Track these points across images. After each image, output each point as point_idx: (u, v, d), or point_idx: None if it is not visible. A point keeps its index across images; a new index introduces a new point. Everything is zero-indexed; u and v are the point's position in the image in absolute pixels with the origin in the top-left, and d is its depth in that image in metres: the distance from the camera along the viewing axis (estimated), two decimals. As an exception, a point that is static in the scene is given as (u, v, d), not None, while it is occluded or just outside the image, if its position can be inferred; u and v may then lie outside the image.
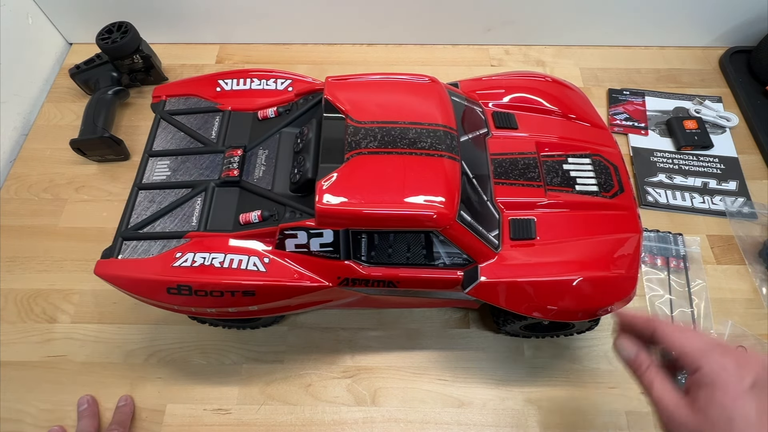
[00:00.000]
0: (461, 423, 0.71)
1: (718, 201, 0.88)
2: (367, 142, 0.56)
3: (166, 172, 0.67)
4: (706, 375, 0.41)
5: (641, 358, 0.48)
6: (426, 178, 0.54)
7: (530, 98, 0.72)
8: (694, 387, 0.42)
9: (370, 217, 0.53)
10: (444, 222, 0.53)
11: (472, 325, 0.78)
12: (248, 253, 0.59)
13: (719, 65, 1.07)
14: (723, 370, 0.41)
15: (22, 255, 0.84)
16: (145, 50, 0.97)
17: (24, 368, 0.75)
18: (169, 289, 0.58)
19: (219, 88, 0.73)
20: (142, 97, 1.02)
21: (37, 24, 1.03)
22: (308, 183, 0.58)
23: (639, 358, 0.48)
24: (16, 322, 0.79)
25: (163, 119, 0.72)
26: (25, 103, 1.01)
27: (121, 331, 0.78)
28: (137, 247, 0.61)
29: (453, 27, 1.08)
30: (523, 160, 0.65)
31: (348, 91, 0.61)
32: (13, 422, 0.71)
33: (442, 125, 0.58)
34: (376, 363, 0.76)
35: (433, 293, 0.64)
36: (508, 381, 0.74)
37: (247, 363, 0.75)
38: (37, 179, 0.92)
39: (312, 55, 1.10)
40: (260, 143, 0.67)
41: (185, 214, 0.63)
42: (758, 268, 0.81)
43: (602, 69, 1.07)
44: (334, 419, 0.71)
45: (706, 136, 0.94)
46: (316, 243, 0.57)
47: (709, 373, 0.41)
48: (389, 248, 0.58)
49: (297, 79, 0.73)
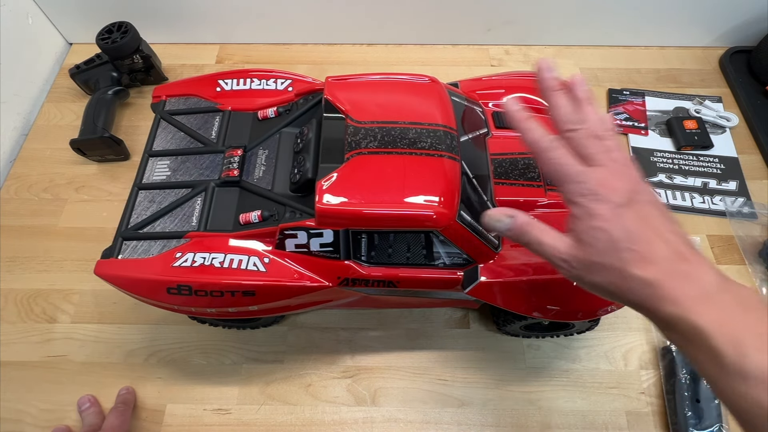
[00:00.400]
0: (461, 423, 0.71)
1: (718, 201, 0.88)
2: (367, 142, 0.56)
3: (166, 172, 0.67)
4: (581, 206, 0.41)
5: (519, 220, 0.45)
6: (426, 178, 0.54)
7: (530, 98, 0.72)
8: (573, 221, 0.42)
9: (370, 217, 0.53)
10: (444, 222, 0.53)
11: (472, 325, 0.78)
12: (248, 253, 0.59)
13: (719, 65, 1.07)
14: (594, 197, 0.40)
15: (22, 255, 0.84)
16: (145, 50, 0.97)
17: (24, 368, 0.75)
18: (169, 289, 0.58)
19: (219, 88, 0.73)
20: (142, 97, 1.02)
21: (37, 24, 1.03)
22: (308, 183, 0.58)
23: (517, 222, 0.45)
24: (16, 322, 0.79)
25: (163, 119, 0.72)
26: (25, 103, 1.01)
27: (121, 331, 0.78)
28: (137, 247, 0.61)
29: (453, 27, 1.08)
30: (523, 160, 0.65)
31: (348, 91, 0.61)
32: (13, 422, 0.71)
33: (442, 125, 0.58)
34: (376, 363, 0.76)
35: (433, 293, 0.64)
36: (508, 381, 0.74)
37: (247, 363, 0.75)
38: (37, 179, 0.92)
39: (312, 55, 1.10)
40: (260, 143, 0.67)
41: (185, 214, 0.63)
42: (758, 268, 0.81)
43: (602, 69, 1.07)
44: (334, 419, 0.71)
45: (706, 136, 0.94)
46: (316, 243, 0.57)
47: (583, 204, 0.41)
48: (389, 248, 0.58)
49: (297, 79, 0.73)
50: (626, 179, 0.42)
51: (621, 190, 0.40)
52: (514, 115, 0.45)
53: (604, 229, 0.40)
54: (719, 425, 0.69)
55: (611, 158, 0.42)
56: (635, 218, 0.40)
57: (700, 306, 0.37)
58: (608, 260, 0.40)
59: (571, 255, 0.42)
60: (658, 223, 0.41)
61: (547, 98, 0.46)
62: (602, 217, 0.40)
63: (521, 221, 0.45)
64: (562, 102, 0.45)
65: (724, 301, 0.37)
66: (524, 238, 0.45)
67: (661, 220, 0.41)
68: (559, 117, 0.45)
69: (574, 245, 0.42)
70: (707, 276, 0.39)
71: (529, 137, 0.44)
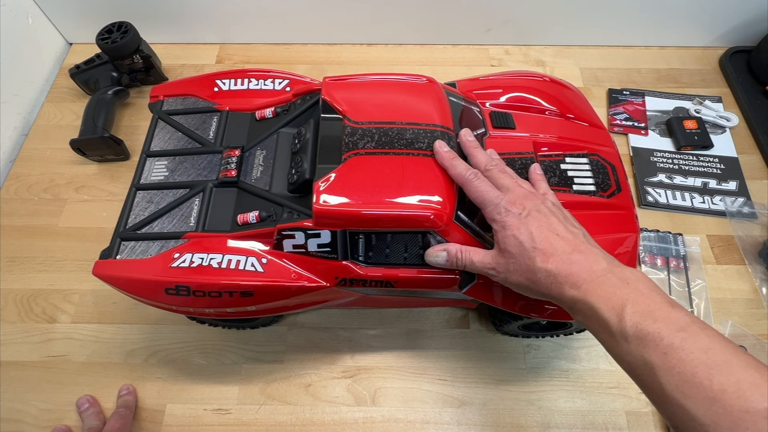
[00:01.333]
0: (461, 423, 0.71)
1: (718, 201, 0.88)
2: (364, 143, 0.56)
3: (164, 173, 0.66)
4: (498, 222, 0.52)
5: (452, 250, 0.55)
6: (423, 178, 0.54)
7: (528, 98, 0.72)
8: (494, 236, 0.52)
9: (368, 217, 0.53)
10: (441, 222, 0.53)
11: (472, 325, 0.78)
12: (246, 254, 0.59)
13: (719, 65, 1.06)
14: (507, 213, 0.51)
15: (22, 255, 0.85)
16: (145, 50, 0.97)
17: (24, 368, 0.75)
18: (168, 290, 0.58)
19: (217, 88, 0.73)
20: (142, 97, 1.02)
21: (37, 24, 1.03)
22: (306, 183, 0.58)
23: (451, 253, 0.55)
24: (16, 322, 0.79)
25: (161, 119, 0.72)
26: (25, 103, 1.01)
27: (121, 331, 0.78)
28: (135, 248, 0.61)
29: (453, 27, 1.08)
30: (520, 160, 0.65)
31: (345, 92, 0.61)
32: (13, 422, 0.71)
33: (440, 125, 0.58)
34: (376, 363, 0.76)
35: (430, 293, 0.64)
36: (508, 381, 0.74)
37: (247, 363, 0.75)
38: (37, 179, 0.92)
39: (312, 55, 1.10)
40: (258, 143, 0.67)
41: (183, 215, 0.63)
42: (758, 268, 0.81)
43: (602, 69, 1.07)
44: (334, 419, 0.71)
45: (706, 136, 0.94)
46: (313, 243, 0.57)
47: (500, 219, 0.51)
48: (387, 248, 0.58)
49: (295, 79, 0.73)
50: (530, 197, 0.53)
51: (525, 205, 0.51)
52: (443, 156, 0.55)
53: (515, 236, 0.50)
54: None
55: (518, 185, 0.54)
56: (537, 225, 0.50)
57: (592, 286, 0.46)
58: (521, 260, 0.50)
59: (496, 262, 0.52)
60: (557, 226, 0.50)
61: (468, 154, 0.58)
62: (512, 226, 0.50)
63: (453, 251, 0.55)
64: (480, 153, 0.58)
65: (609, 281, 0.45)
66: (461, 264, 0.55)
67: (560, 222, 0.51)
68: (478, 162, 0.57)
69: (497, 255, 0.52)
70: (597, 262, 0.47)
71: (456, 171, 0.54)
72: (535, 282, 0.49)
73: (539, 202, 0.53)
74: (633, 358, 0.42)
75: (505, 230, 0.51)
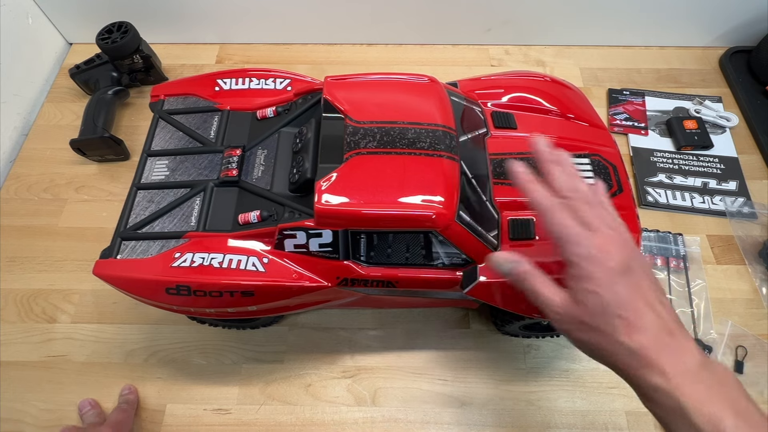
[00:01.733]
0: (461, 423, 0.71)
1: (718, 201, 0.88)
2: (366, 142, 0.56)
3: (165, 172, 0.66)
4: (579, 267, 0.43)
5: (521, 268, 0.47)
6: (425, 178, 0.54)
7: (529, 98, 0.72)
8: (570, 280, 0.44)
9: (369, 217, 0.53)
10: (443, 222, 0.53)
11: (472, 325, 0.78)
12: (247, 254, 0.59)
13: (719, 65, 1.06)
14: (592, 260, 0.42)
15: (22, 255, 0.84)
16: (145, 50, 0.97)
17: (24, 368, 0.75)
18: (168, 290, 0.58)
19: (217, 87, 0.73)
20: (142, 97, 1.02)
21: (37, 24, 1.03)
22: (307, 183, 0.58)
23: (519, 269, 0.47)
24: (16, 322, 0.79)
25: (162, 119, 0.72)
26: (25, 103, 1.01)
27: (121, 331, 0.78)
28: (136, 248, 0.61)
29: (453, 27, 1.08)
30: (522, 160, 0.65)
31: (347, 91, 0.61)
32: (13, 422, 0.71)
33: (442, 125, 0.58)
34: (376, 363, 0.76)
35: (432, 293, 0.64)
36: (508, 381, 0.74)
37: (247, 363, 0.75)
38: (37, 179, 0.92)
39: (312, 55, 1.10)
40: (259, 143, 0.67)
41: (184, 214, 0.63)
42: (758, 268, 0.81)
43: (602, 69, 1.07)
44: (334, 419, 0.71)
45: (706, 136, 0.94)
46: (315, 243, 0.57)
47: (581, 265, 0.43)
48: (388, 248, 0.58)
49: (296, 79, 0.73)
50: (622, 247, 0.43)
51: (617, 257, 0.42)
52: (519, 177, 0.48)
53: (598, 293, 0.42)
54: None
55: (607, 225, 0.45)
56: (627, 286, 0.42)
57: (684, 381, 0.39)
58: (598, 323, 0.42)
59: (565, 311, 0.44)
60: (649, 294, 0.42)
61: (542, 167, 0.49)
62: (597, 281, 0.42)
63: (523, 269, 0.47)
64: (557, 171, 0.48)
65: (704, 380, 0.39)
66: (523, 285, 0.47)
67: (652, 290, 0.43)
68: (556, 184, 0.47)
69: (569, 302, 0.44)
70: (691, 352, 0.41)
71: (534, 197, 0.46)
72: (610, 353, 0.42)
73: (633, 255, 0.44)
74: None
75: (586, 282, 0.42)
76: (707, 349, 0.74)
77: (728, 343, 0.75)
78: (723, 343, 0.75)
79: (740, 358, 0.74)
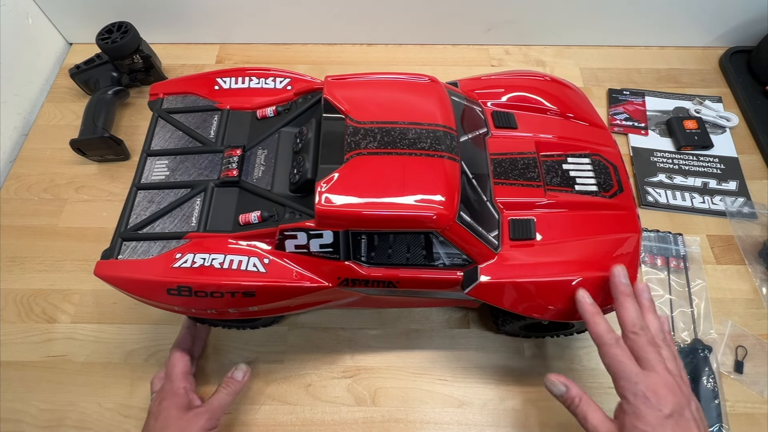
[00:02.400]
0: (461, 423, 0.71)
1: (718, 201, 0.88)
2: (366, 143, 0.56)
3: (165, 172, 0.66)
4: (631, 404, 0.46)
5: (573, 392, 0.51)
6: (426, 178, 0.54)
7: (529, 97, 0.72)
8: (621, 414, 0.47)
9: (370, 218, 0.53)
10: (444, 223, 0.53)
11: (472, 325, 0.78)
12: (248, 254, 0.59)
13: (719, 65, 1.07)
14: (645, 401, 0.45)
15: (22, 255, 0.84)
16: (145, 50, 0.97)
17: (24, 368, 0.75)
18: (169, 290, 0.58)
19: (217, 86, 0.73)
20: (142, 97, 1.02)
21: (37, 24, 1.03)
22: (308, 183, 0.58)
23: (570, 393, 0.51)
24: (16, 322, 0.79)
25: (161, 118, 0.71)
26: (25, 103, 1.01)
27: (122, 331, 0.78)
28: (137, 248, 0.61)
29: (453, 27, 1.08)
30: (522, 160, 0.65)
31: (347, 91, 0.61)
32: (13, 422, 0.71)
33: (442, 125, 0.58)
34: (376, 363, 0.76)
35: (432, 293, 0.64)
36: (508, 381, 0.74)
37: (247, 363, 0.75)
38: (37, 179, 0.92)
39: (312, 55, 1.10)
40: (259, 143, 0.66)
41: (184, 215, 0.62)
42: (758, 268, 0.81)
43: (602, 69, 1.07)
44: (334, 419, 0.71)
45: (706, 136, 0.94)
46: (315, 244, 0.57)
47: (633, 403, 0.46)
48: (389, 249, 0.58)
49: (296, 78, 0.73)
50: (676, 392, 0.47)
51: (670, 401, 0.45)
52: (586, 308, 0.52)
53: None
54: (719, 425, 0.69)
55: (665, 367, 0.48)
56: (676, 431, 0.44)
57: None
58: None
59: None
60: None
61: (616, 300, 0.53)
62: (647, 422, 0.45)
63: (573, 394, 0.51)
64: (630, 306, 0.52)
65: None
66: (572, 409, 0.51)
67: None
68: (626, 319, 0.51)
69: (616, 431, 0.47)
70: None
71: (595, 330, 0.51)
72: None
73: (684, 403, 0.47)
74: None
75: (635, 419, 0.45)
76: (707, 349, 0.74)
77: (728, 343, 0.75)
78: (723, 343, 0.75)
79: (740, 358, 0.74)
